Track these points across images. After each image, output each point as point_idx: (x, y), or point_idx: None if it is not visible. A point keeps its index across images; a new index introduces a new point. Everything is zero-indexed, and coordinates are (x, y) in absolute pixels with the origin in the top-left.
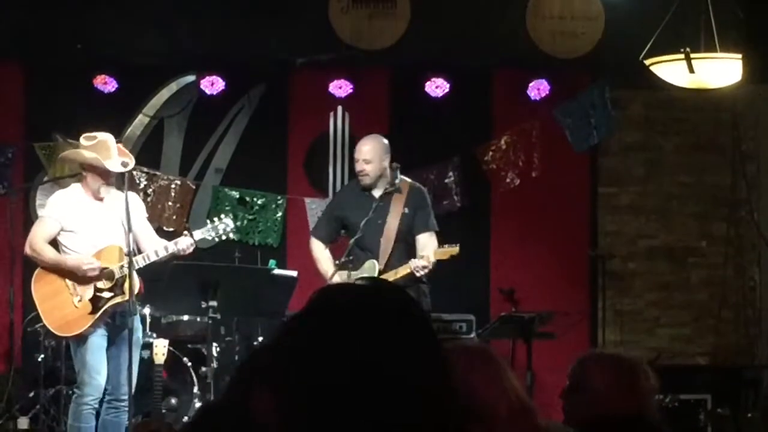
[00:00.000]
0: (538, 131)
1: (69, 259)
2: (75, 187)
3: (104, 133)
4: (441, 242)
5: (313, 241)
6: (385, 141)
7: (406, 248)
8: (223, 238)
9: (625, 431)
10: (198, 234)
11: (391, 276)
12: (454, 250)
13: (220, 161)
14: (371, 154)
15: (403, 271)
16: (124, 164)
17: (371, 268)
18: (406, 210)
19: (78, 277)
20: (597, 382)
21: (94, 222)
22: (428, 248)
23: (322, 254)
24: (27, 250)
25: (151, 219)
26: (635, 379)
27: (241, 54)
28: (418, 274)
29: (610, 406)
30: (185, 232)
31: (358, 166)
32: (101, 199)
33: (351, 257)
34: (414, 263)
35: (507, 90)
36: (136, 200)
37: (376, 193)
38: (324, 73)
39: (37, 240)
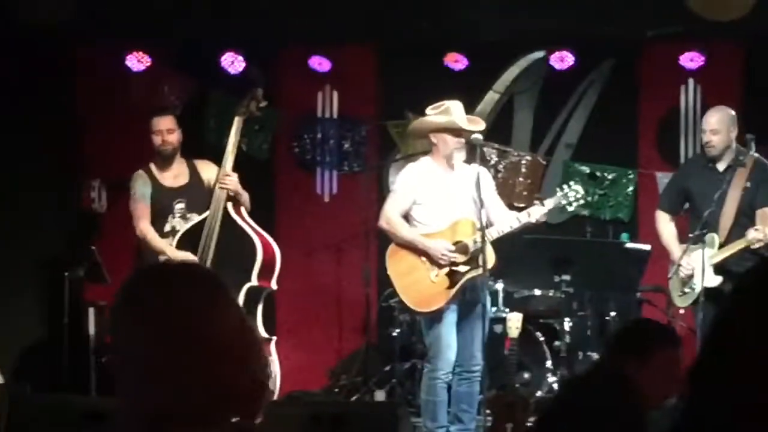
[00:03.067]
0: None
1: (429, 243)
2: (426, 160)
3: (451, 101)
4: None
5: (658, 213)
6: (733, 113)
7: (747, 223)
8: (574, 205)
9: None
10: (550, 202)
11: (728, 250)
12: None
13: (570, 136)
14: (719, 124)
15: (739, 245)
16: (483, 125)
17: (711, 242)
18: (749, 184)
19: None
20: None
21: (445, 194)
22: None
23: (665, 227)
24: (382, 223)
25: (501, 195)
26: None
27: (591, 29)
28: (753, 247)
29: None
30: (535, 201)
31: (705, 137)
32: (452, 167)
33: (704, 230)
34: (751, 235)
35: None
36: (485, 174)
37: (721, 166)
38: (674, 46)
39: (392, 214)
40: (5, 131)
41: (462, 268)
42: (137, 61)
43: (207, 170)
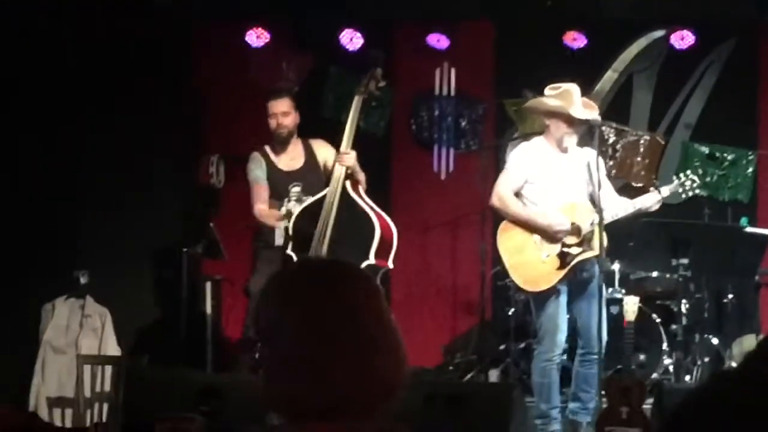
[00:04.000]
0: None
1: (540, 217)
2: (539, 140)
3: (569, 83)
4: None
5: None
6: None
7: None
8: (689, 195)
9: None
10: (665, 190)
11: None
12: None
13: (689, 116)
14: None
15: None
16: (596, 113)
17: None
18: None
19: (545, 232)
20: None
21: (558, 175)
22: None
23: None
24: (494, 200)
25: (619, 174)
26: None
27: (712, 9)
28: None
29: None
30: (651, 189)
31: None
32: (565, 150)
33: None
34: None
35: None
36: (596, 157)
37: None
38: None
39: (504, 192)
40: (124, 109)
41: (574, 250)
42: (256, 38)
43: (323, 150)
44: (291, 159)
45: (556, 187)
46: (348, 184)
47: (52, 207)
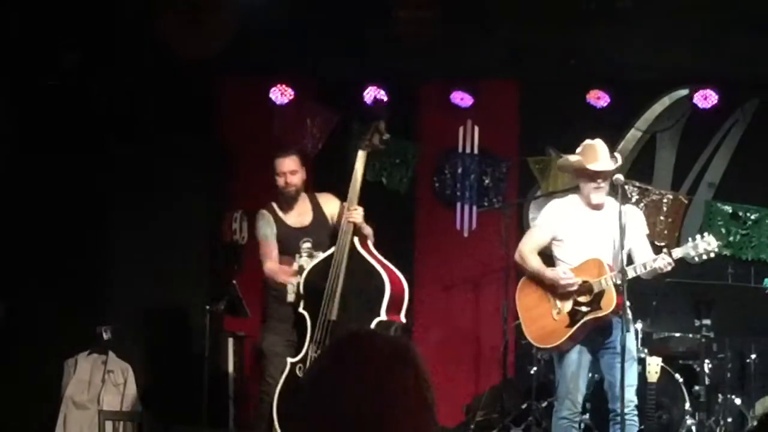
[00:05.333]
0: None
1: (548, 271)
2: (571, 197)
3: (593, 140)
4: None
5: None
6: None
7: None
8: (704, 258)
9: None
10: (678, 252)
11: None
12: None
13: (712, 175)
14: None
15: None
16: (613, 164)
17: None
18: None
19: (557, 289)
20: None
21: (587, 232)
22: None
23: None
24: (516, 256)
25: None
26: None
27: (735, 68)
28: None
29: None
30: (664, 250)
31: None
32: (598, 207)
33: None
34: None
35: None
36: (636, 215)
37: None
38: None
39: (526, 248)
40: (148, 164)
41: (584, 308)
42: (280, 95)
43: (330, 205)
44: (299, 215)
45: (583, 244)
46: (356, 240)
47: (76, 262)
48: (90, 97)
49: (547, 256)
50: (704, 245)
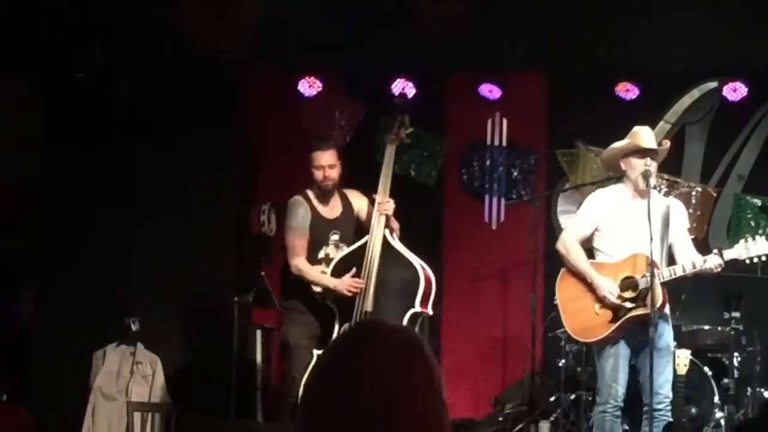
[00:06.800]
0: None
1: (594, 278)
2: (615, 187)
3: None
4: None
5: None
6: None
7: None
8: (755, 261)
9: None
10: (730, 254)
11: None
12: None
13: (742, 168)
14: None
15: None
16: (661, 144)
17: None
18: None
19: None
20: None
21: (629, 224)
22: None
23: None
24: (558, 245)
25: None
26: None
27: (765, 61)
28: None
29: None
30: (715, 251)
31: None
32: (644, 195)
33: None
34: None
35: None
36: (680, 209)
37: None
38: None
39: (569, 239)
40: (177, 156)
41: (628, 304)
42: (308, 87)
43: (358, 201)
44: (331, 208)
45: (626, 236)
46: (387, 232)
47: (105, 254)
48: (116, 90)
49: (586, 248)
50: (757, 247)
